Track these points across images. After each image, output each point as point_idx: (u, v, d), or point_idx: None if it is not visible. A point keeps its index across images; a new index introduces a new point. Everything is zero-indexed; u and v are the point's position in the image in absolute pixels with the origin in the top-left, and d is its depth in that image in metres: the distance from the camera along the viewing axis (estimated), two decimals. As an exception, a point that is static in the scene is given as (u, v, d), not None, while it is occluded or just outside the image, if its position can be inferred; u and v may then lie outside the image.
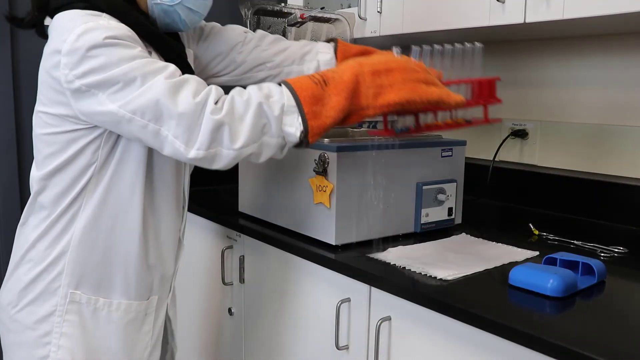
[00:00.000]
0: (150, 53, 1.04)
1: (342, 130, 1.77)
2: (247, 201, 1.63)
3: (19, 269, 1.10)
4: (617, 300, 1.08)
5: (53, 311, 1.07)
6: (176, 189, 1.17)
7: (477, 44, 1.17)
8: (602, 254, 1.31)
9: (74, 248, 1.06)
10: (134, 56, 0.96)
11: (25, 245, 1.10)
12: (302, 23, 1.69)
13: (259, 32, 1.37)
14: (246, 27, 1.52)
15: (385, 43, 2.08)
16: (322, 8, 1.83)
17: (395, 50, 1.14)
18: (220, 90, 1.00)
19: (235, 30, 1.34)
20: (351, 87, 0.97)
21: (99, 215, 1.07)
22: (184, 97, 0.95)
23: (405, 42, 2.04)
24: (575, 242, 1.40)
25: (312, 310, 1.39)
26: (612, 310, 1.02)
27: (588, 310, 1.02)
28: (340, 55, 1.33)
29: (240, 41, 1.33)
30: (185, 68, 1.11)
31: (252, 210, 1.60)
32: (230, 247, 1.67)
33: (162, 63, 0.99)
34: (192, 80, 0.98)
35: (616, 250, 1.34)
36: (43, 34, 1.06)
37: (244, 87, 1.02)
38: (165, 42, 1.08)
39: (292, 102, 0.97)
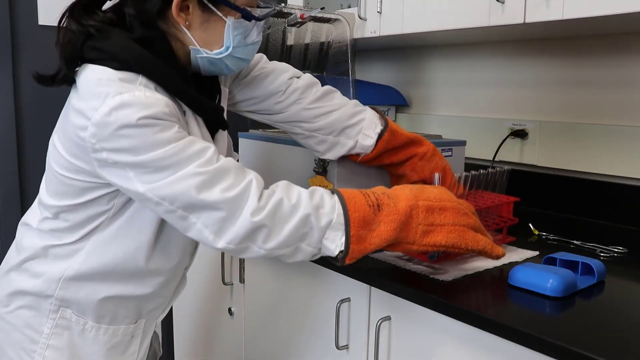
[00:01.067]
0: (184, 113, 0.99)
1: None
2: (247, 201, 1.63)
3: (14, 274, 1.09)
4: (616, 300, 1.08)
5: (43, 322, 1.06)
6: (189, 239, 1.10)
7: (505, 168, 1.27)
8: (602, 254, 1.31)
9: (70, 278, 1.04)
10: (169, 140, 0.89)
11: (25, 254, 1.08)
12: (302, 23, 1.69)
13: (306, 79, 1.25)
14: None
15: (385, 43, 2.08)
16: (322, 8, 1.83)
17: (437, 176, 1.20)
18: (261, 181, 0.94)
19: (279, 77, 1.24)
20: (403, 220, 0.94)
21: (101, 255, 1.04)
22: (220, 191, 0.89)
23: (405, 42, 2.05)
24: (575, 242, 1.40)
25: (312, 310, 1.39)
26: (612, 310, 1.02)
27: (588, 310, 1.02)
28: (382, 145, 1.22)
29: (282, 90, 1.23)
30: (220, 124, 1.08)
31: (252, 210, 1.60)
32: (230, 247, 1.67)
33: (199, 146, 0.91)
34: (232, 171, 0.92)
35: (616, 250, 1.34)
36: (71, 81, 0.99)
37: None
38: (202, 104, 1.01)
39: (342, 220, 0.92)
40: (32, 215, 1.10)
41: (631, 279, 1.21)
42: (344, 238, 0.92)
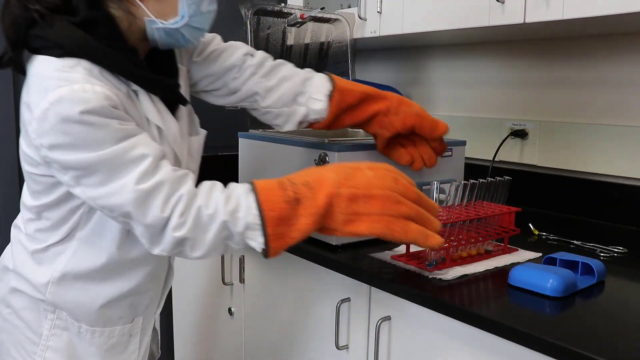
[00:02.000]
0: (136, 93, 0.99)
1: (342, 131, 1.77)
2: (247, 201, 1.63)
3: (12, 274, 1.10)
4: (616, 300, 1.08)
5: (42, 323, 1.07)
6: None
7: (506, 178, 1.27)
8: (602, 254, 1.31)
9: (57, 282, 1.05)
10: (106, 140, 0.88)
11: (17, 258, 1.09)
12: (302, 23, 1.69)
13: (259, 56, 1.26)
14: (246, 27, 1.51)
15: (385, 43, 2.08)
16: (322, 8, 1.83)
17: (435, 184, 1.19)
18: (193, 191, 0.94)
19: (234, 53, 1.24)
20: (322, 212, 0.92)
21: (86, 254, 1.05)
22: (153, 210, 0.90)
23: (405, 42, 2.05)
24: (575, 242, 1.40)
25: (312, 310, 1.39)
26: (612, 310, 1.02)
27: (588, 310, 1.02)
28: (334, 106, 1.21)
29: (238, 65, 1.24)
30: (179, 100, 1.08)
31: (252, 210, 1.60)
32: (230, 247, 1.67)
33: (138, 152, 0.90)
34: (165, 185, 0.91)
35: (616, 250, 1.34)
36: (22, 71, 0.98)
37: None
38: (154, 82, 1.00)
39: (258, 221, 0.92)
40: (20, 217, 1.12)
41: (631, 279, 1.21)
42: (262, 237, 0.93)
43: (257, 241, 0.94)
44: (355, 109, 1.24)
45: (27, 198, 1.07)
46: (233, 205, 0.93)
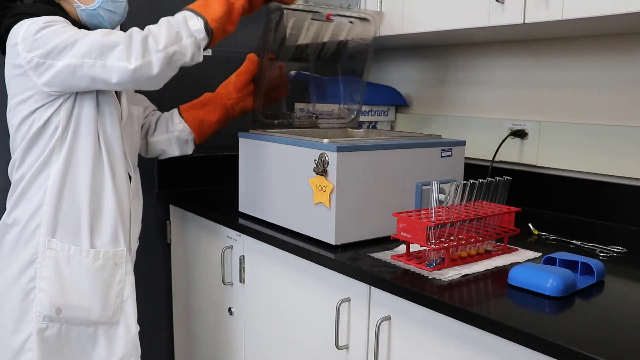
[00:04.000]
0: None
1: (342, 131, 1.77)
2: (247, 201, 1.63)
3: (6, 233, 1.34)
4: (616, 300, 1.08)
5: (34, 259, 1.30)
6: (120, 150, 1.39)
7: (506, 178, 1.30)
8: (602, 254, 1.32)
9: (48, 202, 1.29)
10: (71, 29, 1.25)
11: (11, 208, 1.34)
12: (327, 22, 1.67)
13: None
14: (269, 22, 1.59)
15: (385, 43, 2.08)
16: (349, 6, 1.80)
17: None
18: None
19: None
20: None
21: (65, 173, 1.31)
22: (117, 34, 1.24)
23: (405, 42, 2.05)
24: (574, 242, 1.40)
25: (312, 310, 1.39)
26: (611, 310, 1.03)
27: (587, 310, 1.02)
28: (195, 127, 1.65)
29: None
30: None
31: (252, 210, 1.61)
32: (230, 247, 1.67)
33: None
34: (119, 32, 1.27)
35: (615, 250, 1.34)
36: (2, 50, 1.32)
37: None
38: None
39: (188, 11, 1.31)
40: (8, 200, 1.37)
41: (631, 279, 1.21)
42: (197, 16, 1.30)
43: (197, 23, 1.30)
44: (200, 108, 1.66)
45: (15, 155, 1.34)
46: (169, 17, 1.32)
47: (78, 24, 1.34)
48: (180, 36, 1.28)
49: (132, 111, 1.49)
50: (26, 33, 1.22)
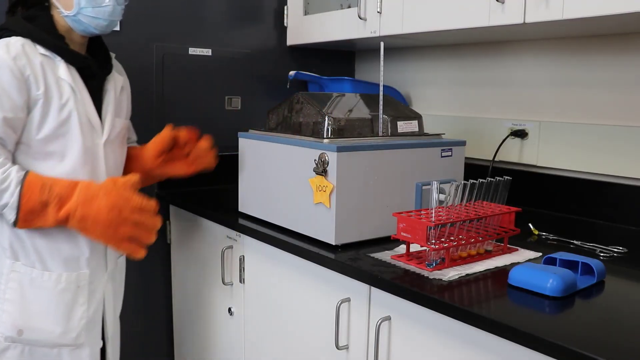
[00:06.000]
0: (58, 63, 1.30)
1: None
2: (247, 201, 1.63)
3: None
4: (616, 300, 1.08)
5: (1, 281, 1.30)
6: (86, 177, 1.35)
7: (506, 178, 1.30)
8: (602, 254, 1.31)
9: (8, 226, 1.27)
10: None
11: None
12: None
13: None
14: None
15: (385, 43, 2.08)
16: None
17: None
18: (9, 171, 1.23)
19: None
20: (61, 220, 1.25)
21: None
22: None
23: (405, 42, 2.05)
24: (574, 242, 1.40)
25: (312, 310, 1.39)
26: (612, 310, 1.02)
27: (587, 310, 1.02)
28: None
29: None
30: (91, 74, 1.36)
31: (252, 210, 1.61)
32: (230, 247, 1.67)
33: None
34: None
35: (615, 250, 1.34)
36: None
37: None
38: (70, 54, 1.32)
39: (15, 206, 1.22)
40: None
41: (631, 279, 1.21)
42: (14, 217, 1.22)
43: (10, 217, 1.22)
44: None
45: None
46: (5, 185, 1.21)
47: (70, 30, 1.34)
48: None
49: (116, 125, 1.44)
50: None
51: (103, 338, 1.44)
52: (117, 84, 1.45)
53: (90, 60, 1.37)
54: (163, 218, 2.02)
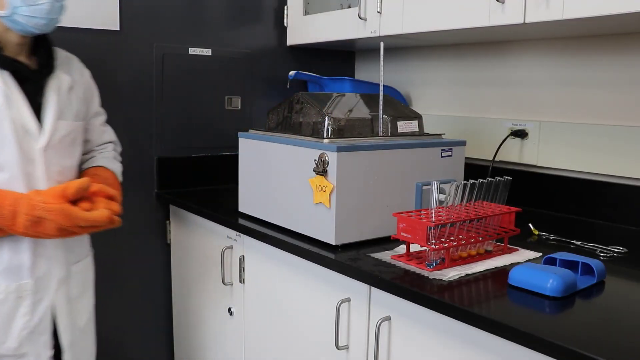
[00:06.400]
0: None
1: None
2: (247, 201, 1.63)
3: None
4: (616, 300, 1.08)
5: None
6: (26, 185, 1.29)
7: (506, 178, 1.30)
8: (602, 254, 1.31)
9: None
10: None
11: None
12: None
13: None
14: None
15: (385, 43, 2.08)
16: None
17: None
18: None
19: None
20: (8, 225, 1.21)
21: None
22: None
23: (405, 42, 2.05)
24: (574, 242, 1.40)
25: (312, 310, 1.39)
26: (612, 310, 1.02)
27: (588, 310, 1.02)
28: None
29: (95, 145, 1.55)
30: (25, 77, 1.29)
31: (252, 210, 1.61)
32: (230, 247, 1.67)
33: None
34: None
35: (616, 250, 1.34)
36: None
37: None
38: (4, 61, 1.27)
39: None
40: None
41: (631, 279, 1.21)
42: None
43: None
44: None
45: None
46: None
47: (5, 31, 1.28)
48: None
49: (59, 127, 1.36)
50: None
51: (58, 346, 1.37)
52: (63, 84, 1.36)
53: (21, 64, 1.31)
54: (163, 218, 2.03)
